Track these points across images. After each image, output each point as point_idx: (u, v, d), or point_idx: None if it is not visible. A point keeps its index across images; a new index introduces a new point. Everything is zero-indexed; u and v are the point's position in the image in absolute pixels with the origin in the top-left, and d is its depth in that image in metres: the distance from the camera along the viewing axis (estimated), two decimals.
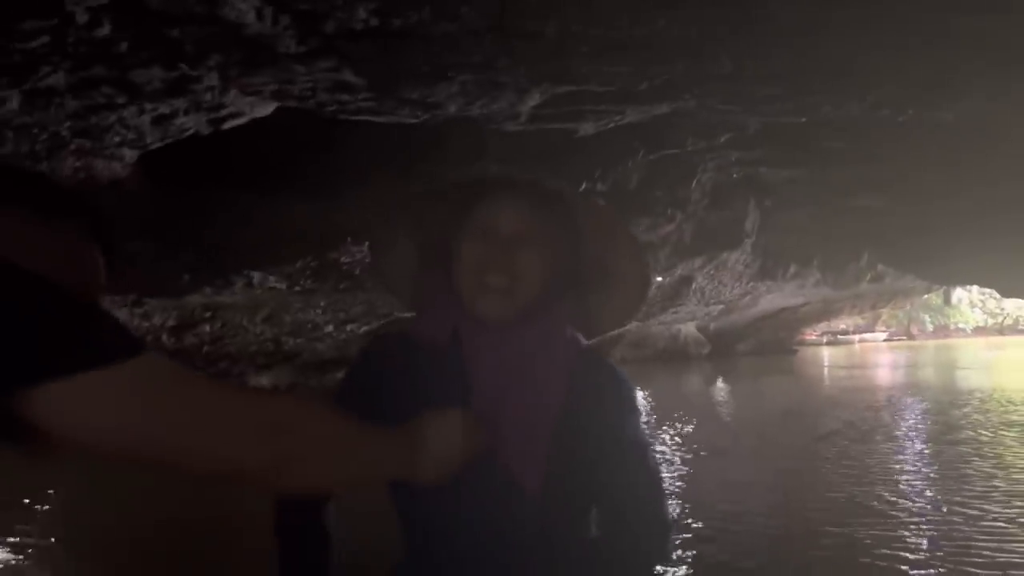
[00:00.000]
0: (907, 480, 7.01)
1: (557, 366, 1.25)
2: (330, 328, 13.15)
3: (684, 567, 4.57)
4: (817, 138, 6.77)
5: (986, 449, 8.32)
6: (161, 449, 0.88)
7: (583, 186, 8.20)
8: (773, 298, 22.23)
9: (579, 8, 3.38)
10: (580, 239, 1.30)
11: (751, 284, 18.54)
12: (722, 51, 4.08)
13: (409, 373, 1.26)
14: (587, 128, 6.00)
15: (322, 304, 11.62)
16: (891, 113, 5.47)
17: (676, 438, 9.99)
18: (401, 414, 1.17)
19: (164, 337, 11.53)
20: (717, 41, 3.93)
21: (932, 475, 7.27)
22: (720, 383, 20.71)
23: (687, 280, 16.52)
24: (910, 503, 6.08)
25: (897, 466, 7.69)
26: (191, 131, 5.72)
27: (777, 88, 4.90)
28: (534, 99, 4.84)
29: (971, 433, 9.53)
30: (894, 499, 6.15)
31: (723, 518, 5.65)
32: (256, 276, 8.78)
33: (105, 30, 3.82)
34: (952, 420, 11.19)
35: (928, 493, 6.48)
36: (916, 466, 7.77)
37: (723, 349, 26.70)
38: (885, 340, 47.22)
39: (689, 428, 11.10)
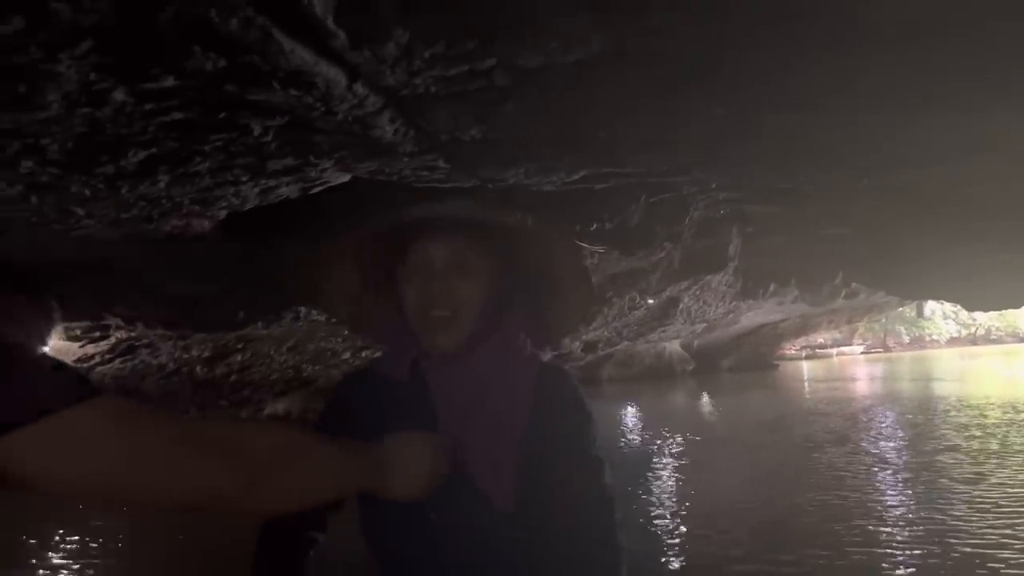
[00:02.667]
0: (880, 480, 8.03)
1: (517, 384, 1.32)
2: (347, 355, 14.51)
3: (679, 559, 5.43)
4: (794, 188, 8.39)
5: (953, 451, 9.69)
6: (129, 487, 0.90)
7: (593, 226, 9.74)
8: (754, 315, 23.90)
9: (629, 120, 4.92)
10: (519, 261, 1.37)
11: (733, 303, 20.23)
12: (728, 146, 5.66)
13: (378, 407, 1.36)
14: (606, 186, 7.54)
15: (344, 333, 12.97)
16: (855, 179, 7.13)
17: (664, 450, 11.33)
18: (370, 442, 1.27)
19: (198, 368, 12.84)
20: (726, 140, 5.49)
21: (905, 476, 8.14)
22: (705, 398, 21.98)
23: (674, 301, 18.14)
24: (883, 501, 6.96)
25: (872, 468, 8.84)
26: (283, 197, 7.15)
27: (767, 168, 6.51)
28: (578, 175, 6.40)
29: (941, 437, 10.94)
30: (867, 497, 7.10)
31: (710, 517, 6.43)
32: (302, 311, 10.15)
33: (268, 138, 5.27)
34: (923, 426, 12.70)
35: (900, 492, 7.33)
36: (889, 468, 8.74)
37: (707, 365, 28.32)
38: (862, 353, 49.39)
39: (676, 441, 12.39)
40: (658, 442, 12.34)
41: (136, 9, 3.24)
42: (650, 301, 16.37)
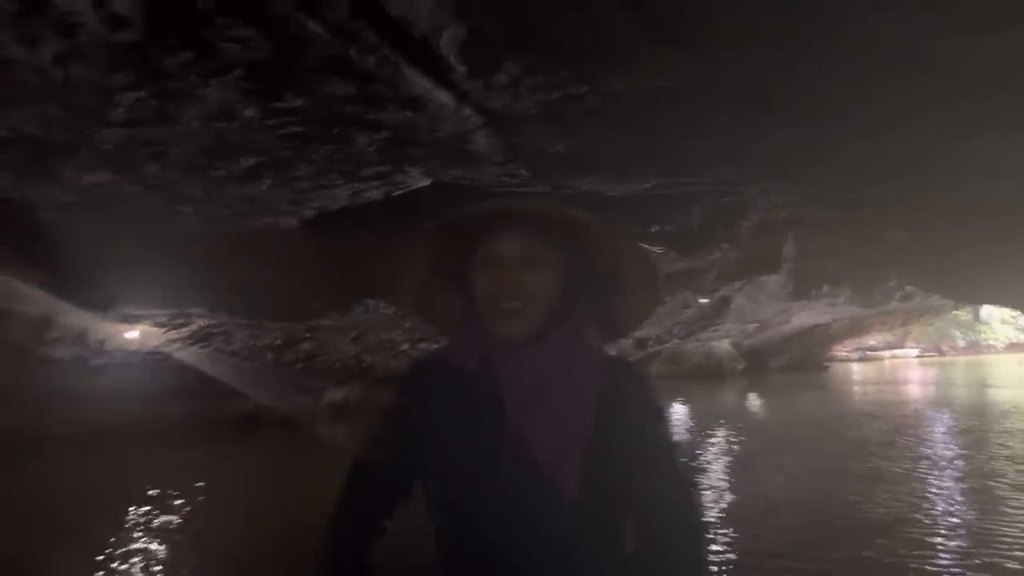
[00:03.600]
0: (931, 485, 7.87)
1: (584, 374, 1.34)
2: (406, 346, 15.19)
3: (732, 552, 5.53)
4: (855, 196, 8.75)
5: (1009, 459, 9.70)
6: None
7: (654, 228, 10.20)
8: (805, 316, 24.04)
9: (704, 138, 5.40)
10: (588, 255, 1.41)
11: (786, 303, 20.46)
12: (796, 163, 6.11)
13: (447, 394, 1.38)
14: (668, 191, 8.00)
15: (406, 325, 13.63)
16: (916, 193, 7.51)
17: (712, 448, 11.56)
18: (442, 434, 1.34)
19: (268, 355, 13.62)
20: (794, 158, 5.94)
21: (955, 483, 8.04)
22: (754, 397, 22.14)
23: (727, 301, 18.48)
24: (932, 506, 6.86)
25: (922, 472, 8.76)
26: (369, 199, 7.75)
27: (832, 181, 6.96)
28: (649, 184, 6.90)
29: (995, 446, 10.96)
30: (917, 502, 7.01)
31: (762, 514, 6.54)
32: (371, 303, 10.80)
33: (371, 149, 5.86)
34: (976, 432, 12.73)
35: (950, 497, 7.22)
36: (940, 473, 8.64)
37: (756, 365, 28.49)
38: (916, 356, 48.78)
39: (723, 439, 12.60)
40: (707, 440, 12.69)
41: (289, 47, 3.81)
42: (703, 300, 16.73)
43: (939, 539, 5.85)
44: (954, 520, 6.46)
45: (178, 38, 3.76)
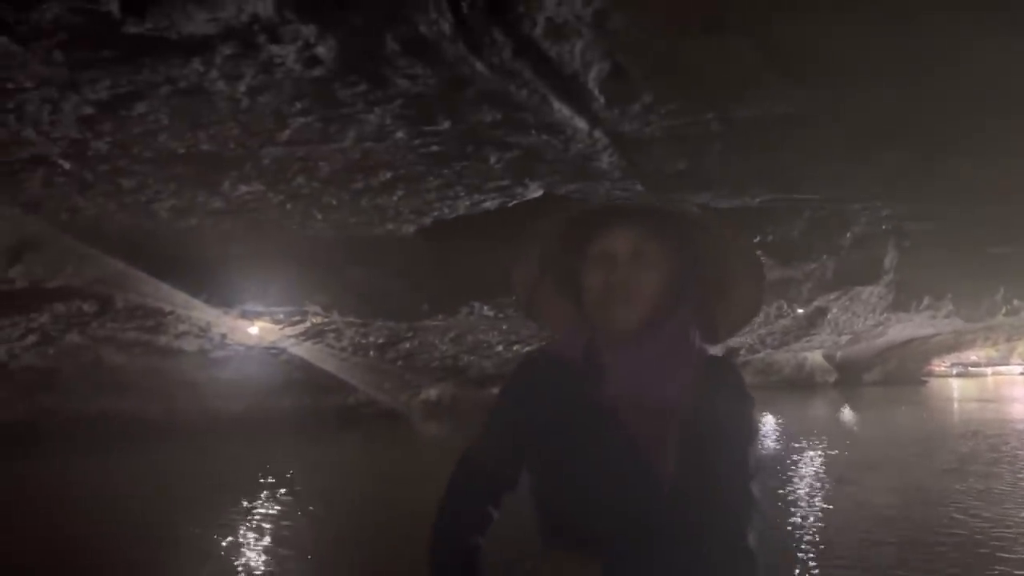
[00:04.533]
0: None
1: (686, 367, 1.41)
2: (500, 348, 15.78)
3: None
4: (962, 212, 8.87)
5: None
6: None
7: (756, 238, 10.47)
8: (903, 328, 23.57)
9: (821, 160, 5.76)
10: (695, 254, 1.47)
11: (883, 315, 20.19)
12: (908, 183, 6.41)
13: (553, 387, 1.46)
14: (777, 205, 8.31)
15: (503, 328, 14.21)
16: None
17: (803, 464, 11.45)
18: (548, 423, 1.44)
19: (371, 352, 14.43)
20: (906, 179, 6.25)
21: None
22: (847, 411, 21.78)
23: (822, 311, 18.38)
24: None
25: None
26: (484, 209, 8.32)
27: (940, 200, 7.22)
28: (760, 199, 7.27)
29: None
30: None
31: (857, 536, 6.33)
32: (475, 306, 11.41)
33: (499, 165, 6.41)
34: None
35: None
36: None
37: (849, 378, 28.04)
38: (1021, 373, 46.82)
39: (815, 454, 12.34)
40: (798, 455, 12.67)
41: (453, 83, 4.37)
42: (799, 311, 16.76)
43: None
44: None
45: (359, 74, 4.36)
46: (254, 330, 12.26)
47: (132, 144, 5.64)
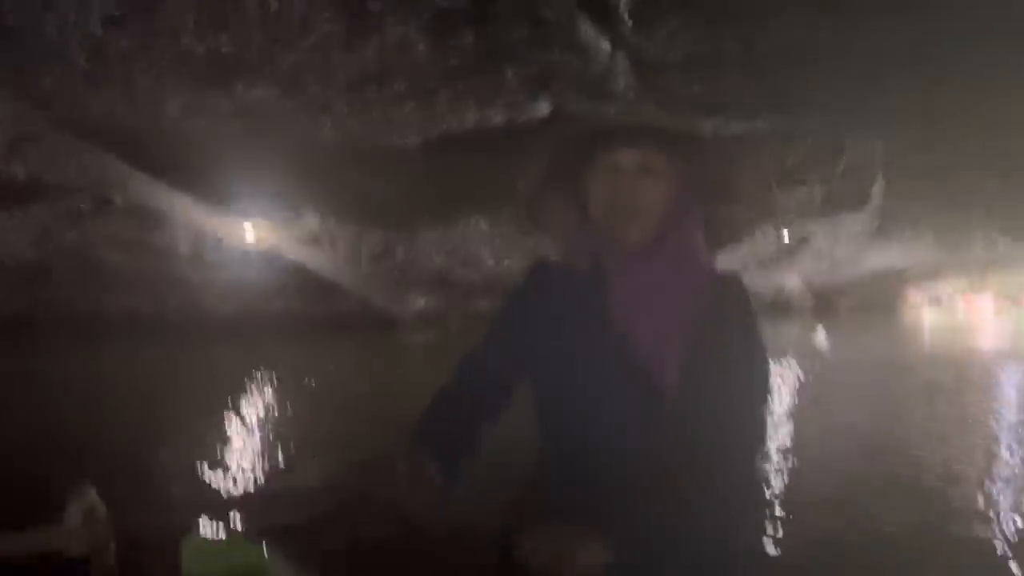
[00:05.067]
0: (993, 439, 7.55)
1: (691, 281, 1.42)
2: (491, 262, 16.06)
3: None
4: (953, 143, 9.15)
5: None
6: None
7: (757, 164, 10.71)
8: (881, 257, 24.09)
9: (832, 89, 5.96)
10: (701, 167, 1.48)
11: (865, 244, 20.66)
12: (910, 118, 6.64)
13: (558, 295, 1.48)
14: (778, 131, 8.53)
15: (496, 242, 14.46)
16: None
17: (778, 385, 11.71)
18: (551, 330, 1.46)
19: (365, 262, 14.66)
20: (905, 118, 6.47)
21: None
22: (821, 336, 22.24)
23: (806, 238, 18.78)
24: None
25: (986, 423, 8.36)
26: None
27: (939, 136, 7.46)
28: (766, 124, 7.49)
29: None
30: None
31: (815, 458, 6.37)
32: (474, 220, 11.64)
33: (514, 82, 6.54)
34: None
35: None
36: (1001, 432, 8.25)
37: (826, 304, 28.67)
38: (992, 305, 47.93)
39: (790, 376, 12.70)
40: (774, 377, 12.85)
41: None
42: (785, 235, 17.12)
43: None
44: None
45: None
46: (250, 233, 12.41)
47: (154, 44, 5.71)
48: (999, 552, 4.11)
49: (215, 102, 7.46)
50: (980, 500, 5.24)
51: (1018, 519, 4.79)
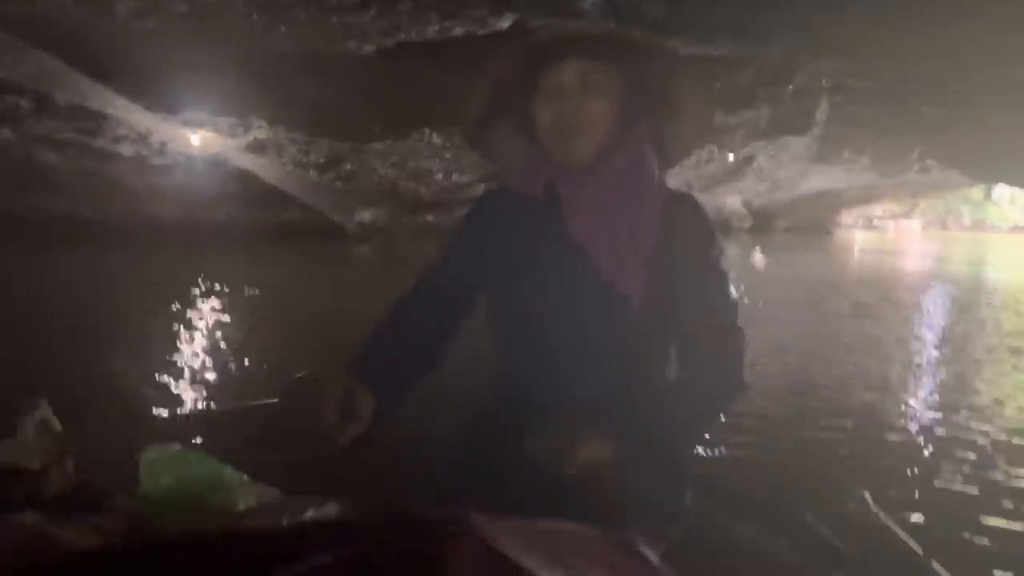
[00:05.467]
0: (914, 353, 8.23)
1: (645, 197, 1.44)
2: (439, 176, 16.14)
3: None
4: (903, 72, 9.55)
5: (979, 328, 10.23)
6: None
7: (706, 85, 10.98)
8: (819, 180, 24.89)
9: (786, 16, 6.22)
10: (644, 80, 1.46)
11: (806, 165, 21.31)
12: (864, 45, 6.95)
13: (512, 218, 1.51)
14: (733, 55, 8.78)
15: (446, 156, 14.52)
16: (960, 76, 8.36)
17: None
18: (508, 251, 1.49)
19: (312, 172, 14.58)
20: (867, 42, 6.78)
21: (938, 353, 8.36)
22: (758, 255, 22.98)
23: (750, 159, 19.30)
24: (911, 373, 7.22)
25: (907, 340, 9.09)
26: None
27: (892, 61, 7.79)
28: (726, 49, 7.72)
29: (981, 319, 11.74)
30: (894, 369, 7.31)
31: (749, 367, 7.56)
32: (427, 132, 11.68)
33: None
34: (967, 308, 12.71)
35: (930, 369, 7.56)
36: (923, 343, 9.02)
37: (763, 224, 29.63)
38: (920, 229, 50.05)
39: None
40: None
41: None
42: (730, 157, 17.54)
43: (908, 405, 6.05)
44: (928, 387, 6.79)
45: None
46: (196, 139, 12.23)
47: None
48: (923, 454, 4.52)
49: (168, 3, 7.31)
50: (902, 407, 5.77)
51: (937, 425, 5.25)
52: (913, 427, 5.24)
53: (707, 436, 4.19)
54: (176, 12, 7.65)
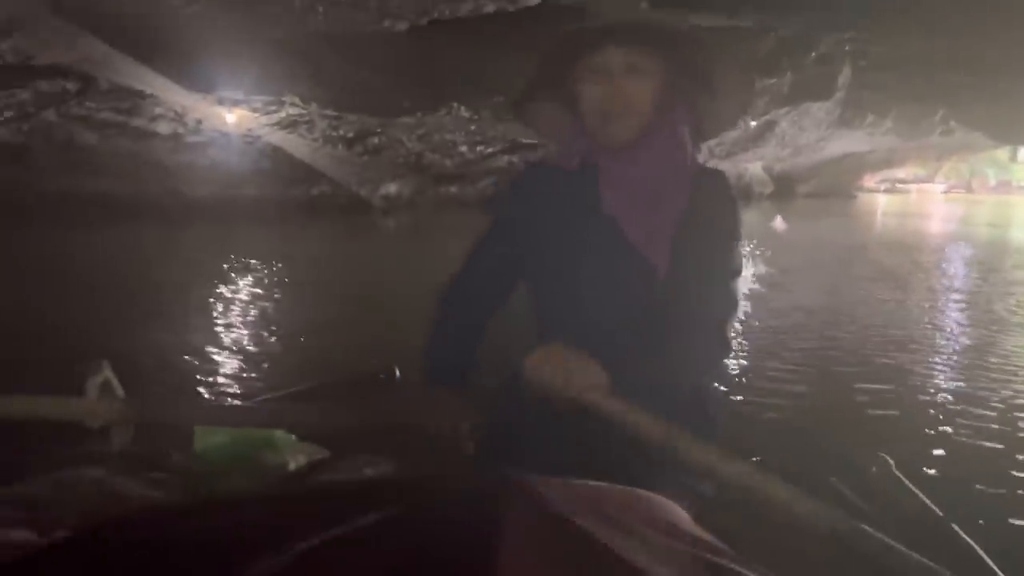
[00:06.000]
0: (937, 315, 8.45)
1: (677, 173, 1.54)
2: (464, 148, 16.56)
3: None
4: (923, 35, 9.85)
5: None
6: None
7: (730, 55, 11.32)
8: (841, 144, 25.03)
9: None
10: (685, 62, 1.54)
11: (828, 131, 21.51)
12: (890, 13, 7.31)
13: (553, 192, 1.61)
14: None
15: (471, 128, 14.90)
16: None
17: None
18: (552, 228, 1.59)
19: (339, 146, 15.04)
20: (885, 13, 7.14)
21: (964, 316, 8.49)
22: (780, 221, 23.15)
23: (772, 125, 19.53)
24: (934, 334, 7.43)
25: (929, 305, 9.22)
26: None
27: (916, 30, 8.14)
28: (751, 21, 8.07)
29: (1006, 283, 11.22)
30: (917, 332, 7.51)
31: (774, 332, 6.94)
32: (455, 106, 12.09)
33: None
34: (993, 271, 12.61)
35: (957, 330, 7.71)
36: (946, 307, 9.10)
37: (784, 190, 29.80)
38: (943, 192, 49.78)
39: (752, 260, 12.39)
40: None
41: None
42: (752, 123, 17.80)
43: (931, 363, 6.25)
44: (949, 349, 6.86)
45: None
46: (230, 117, 12.70)
47: None
48: (945, 415, 4.62)
49: None
50: (925, 368, 5.91)
51: (960, 382, 5.45)
52: (936, 388, 5.36)
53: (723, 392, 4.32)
54: None
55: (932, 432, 4.33)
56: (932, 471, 3.67)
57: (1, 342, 5.14)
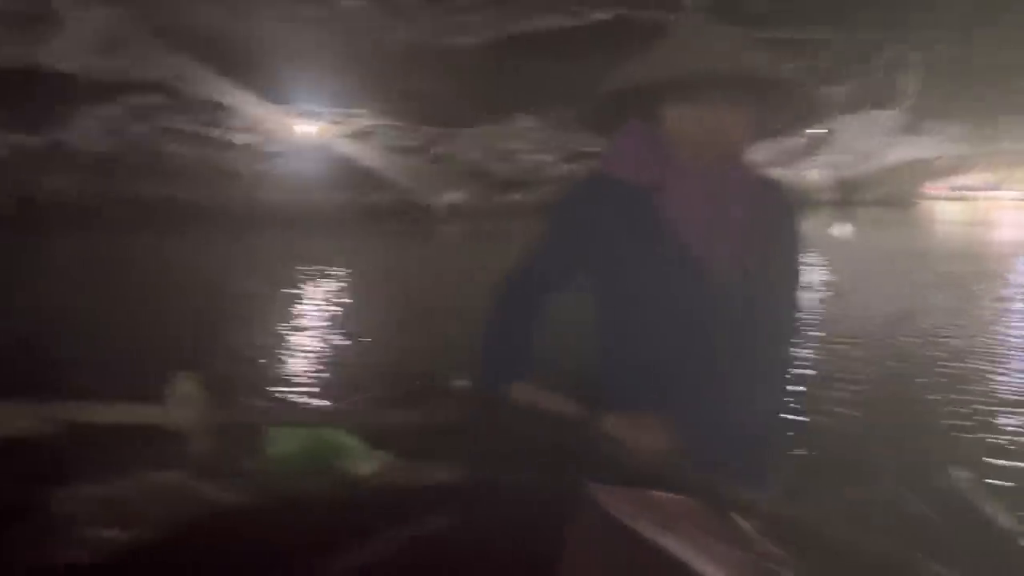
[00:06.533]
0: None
1: (744, 187, 1.56)
2: (524, 156, 16.98)
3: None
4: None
5: None
6: None
7: (792, 65, 11.52)
8: (906, 150, 24.72)
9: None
10: (778, 106, 1.57)
11: (892, 137, 21.33)
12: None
13: (615, 206, 1.56)
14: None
15: (534, 136, 15.33)
16: None
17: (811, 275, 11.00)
18: (613, 240, 1.56)
19: (405, 156, 15.64)
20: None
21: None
22: (841, 229, 22.81)
23: (834, 132, 19.48)
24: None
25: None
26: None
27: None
28: (818, 34, 8.37)
29: None
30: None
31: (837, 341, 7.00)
32: (522, 117, 12.55)
33: None
34: None
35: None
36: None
37: (847, 196, 29.47)
38: (1013, 200, 48.44)
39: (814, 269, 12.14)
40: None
41: None
42: (813, 130, 17.82)
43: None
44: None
45: None
46: (304, 128, 13.38)
47: None
48: (1011, 427, 4.66)
49: (307, 11, 8.32)
50: (990, 375, 5.96)
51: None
52: (1001, 399, 5.35)
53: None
54: (310, 17, 8.65)
55: (997, 443, 4.38)
56: (998, 482, 3.67)
57: (89, 343, 5.42)
